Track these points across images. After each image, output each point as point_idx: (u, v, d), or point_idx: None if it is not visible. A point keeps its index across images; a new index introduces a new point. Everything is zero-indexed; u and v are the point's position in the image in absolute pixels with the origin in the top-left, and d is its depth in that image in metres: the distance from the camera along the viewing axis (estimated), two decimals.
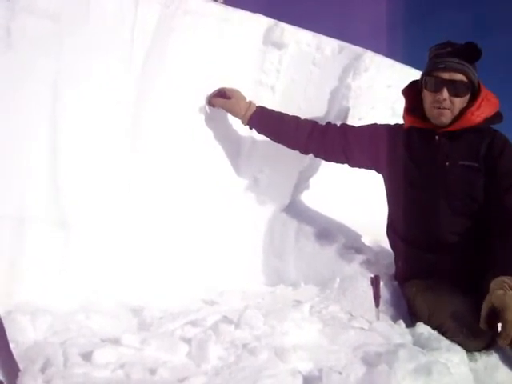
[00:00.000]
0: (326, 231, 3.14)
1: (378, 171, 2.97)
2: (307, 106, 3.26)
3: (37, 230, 2.35)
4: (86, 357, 1.73)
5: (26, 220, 2.33)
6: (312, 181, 3.36)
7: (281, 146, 3.11)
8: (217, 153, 3.11)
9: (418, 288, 2.58)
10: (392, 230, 2.88)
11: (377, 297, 2.48)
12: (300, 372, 1.72)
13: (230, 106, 2.99)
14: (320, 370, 1.71)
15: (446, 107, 2.62)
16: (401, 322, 2.40)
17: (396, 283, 2.73)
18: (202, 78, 3.03)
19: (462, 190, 2.60)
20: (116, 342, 1.85)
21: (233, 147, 3.15)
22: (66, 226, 2.42)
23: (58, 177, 2.45)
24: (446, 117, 2.64)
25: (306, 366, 1.78)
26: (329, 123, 3.03)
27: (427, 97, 2.68)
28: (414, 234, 2.70)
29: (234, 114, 3.03)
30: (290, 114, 3.10)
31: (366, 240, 3.17)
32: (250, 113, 2.99)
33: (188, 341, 1.87)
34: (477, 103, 2.62)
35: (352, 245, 3.08)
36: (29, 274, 2.26)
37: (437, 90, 2.62)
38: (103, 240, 2.49)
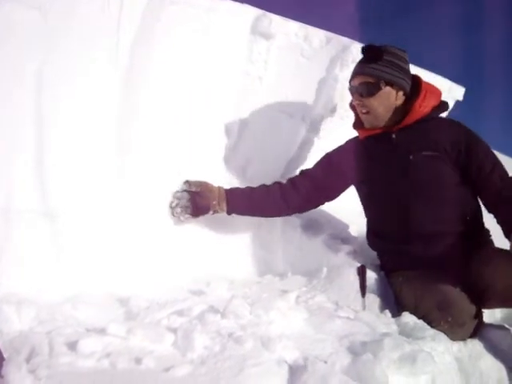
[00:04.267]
0: (313, 222, 3.14)
1: (352, 184, 3.00)
2: (294, 96, 3.26)
3: (23, 220, 2.34)
4: (72, 346, 1.73)
5: (12, 211, 2.31)
6: (298, 171, 3.35)
7: (269, 137, 3.11)
8: (204, 142, 3.10)
9: (405, 278, 2.60)
10: (373, 234, 2.90)
11: (363, 287, 2.49)
12: (285, 361, 1.73)
13: (202, 200, 2.83)
14: (305, 359, 1.72)
15: (363, 111, 2.75)
16: (387, 311, 2.42)
17: (382, 273, 2.74)
18: (189, 69, 3.03)
19: (431, 179, 2.65)
20: (102, 331, 1.84)
21: (220, 137, 3.15)
22: (53, 217, 2.41)
23: (45, 168, 2.44)
24: (370, 120, 2.77)
25: (292, 355, 1.78)
26: (289, 178, 2.99)
27: None
28: (395, 231, 2.72)
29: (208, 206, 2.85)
30: (278, 104, 3.11)
31: (353, 230, 3.19)
32: (222, 208, 2.85)
33: (174, 330, 1.87)
34: (421, 95, 2.70)
35: (338, 235, 3.10)
36: (15, 265, 2.25)
37: (352, 97, 2.79)
38: (90, 231, 2.48)
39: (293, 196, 2.91)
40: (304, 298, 2.44)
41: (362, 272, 2.52)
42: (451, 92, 4.17)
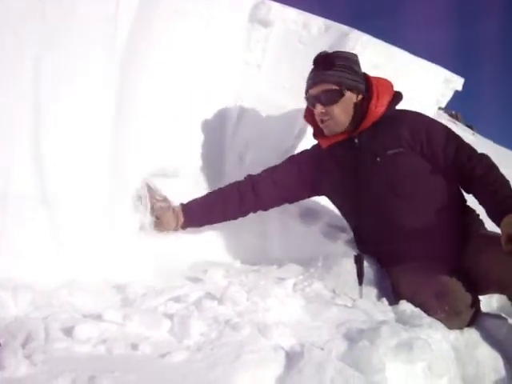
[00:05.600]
0: (311, 210, 3.14)
1: (320, 195, 3.01)
2: (292, 84, 3.25)
3: (20, 206, 2.32)
4: (68, 332, 1.72)
5: (9, 196, 2.30)
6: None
7: (266, 125, 3.09)
8: (202, 131, 3.10)
9: (401, 268, 2.59)
10: (359, 240, 2.90)
11: (360, 275, 2.49)
12: (282, 348, 1.72)
13: (162, 227, 2.77)
14: (302, 346, 1.71)
15: (326, 119, 2.71)
16: (384, 299, 2.42)
17: None
18: (187, 57, 3.01)
19: (403, 176, 2.65)
20: (98, 317, 1.84)
21: (218, 125, 3.14)
22: (50, 203, 2.39)
23: (42, 154, 2.42)
24: (331, 127, 2.74)
25: (289, 342, 1.78)
26: (250, 177, 2.96)
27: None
28: (380, 233, 2.71)
29: (168, 229, 2.80)
30: (276, 92, 3.09)
31: None
32: (180, 222, 2.80)
33: (170, 317, 1.86)
34: (374, 95, 2.68)
35: (336, 224, 3.09)
36: (11, 250, 2.24)
37: (313, 106, 2.74)
38: (87, 217, 2.47)
39: (252, 199, 2.91)
40: (301, 286, 2.44)
41: (359, 260, 2.52)
42: (450, 82, 4.16)
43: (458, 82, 4.19)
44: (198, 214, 2.84)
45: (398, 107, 2.77)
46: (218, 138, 3.15)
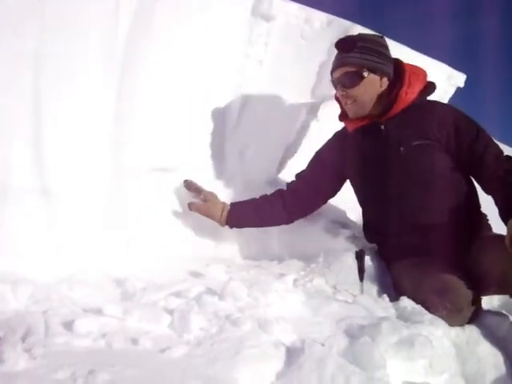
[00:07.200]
0: None
1: (347, 179, 3.00)
2: (295, 79, 3.24)
3: (20, 198, 2.32)
4: (68, 326, 1.71)
5: (8, 188, 2.30)
6: (298, 155, 3.34)
7: (268, 120, 3.08)
8: (203, 126, 3.09)
9: (403, 265, 2.59)
10: (369, 228, 2.89)
11: (361, 271, 2.49)
12: (283, 343, 1.72)
13: (206, 209, 2.86)
14: (303, 342, 1.70)
15: (348, 102, 2.71)
16: (385, 296, 2.41)
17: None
18: (188, 51, 3.00)
19: (423, 169, 2.62)
20: (98, 311, 1.84)
21: (219, 120, 3.12)
22: (50, 196, 2.40)
23: (42, 147, 2.42)
24: (354, 110, 2.73)
25: (289, 338, 1.77)
26: (289, 187, 3.00)
27: None
28: (391, 223, 2.70)
29: (210, 217, 2.88)
30: (278, 87, 3.07)
31: (352, 215, 3.17)
32: (225, 214, 2.87)
33: (171, 311, 1.87)
34: (406, 81, 2.66)
35: (338, 220, 3.08)
36: (11, 244, 2.24)
37: (336, 90, 2.76)
38: (87, 210, 2.47)
39: (294, 205, 2.93)
40: (302, 282, 2.44)
41: (360, 256, 2.52)
42: (452, 79, 4.15)
43: (460, 79, 4.18)
44: (244, 214, 2.91)
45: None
46: (218, 133, 3.14)
